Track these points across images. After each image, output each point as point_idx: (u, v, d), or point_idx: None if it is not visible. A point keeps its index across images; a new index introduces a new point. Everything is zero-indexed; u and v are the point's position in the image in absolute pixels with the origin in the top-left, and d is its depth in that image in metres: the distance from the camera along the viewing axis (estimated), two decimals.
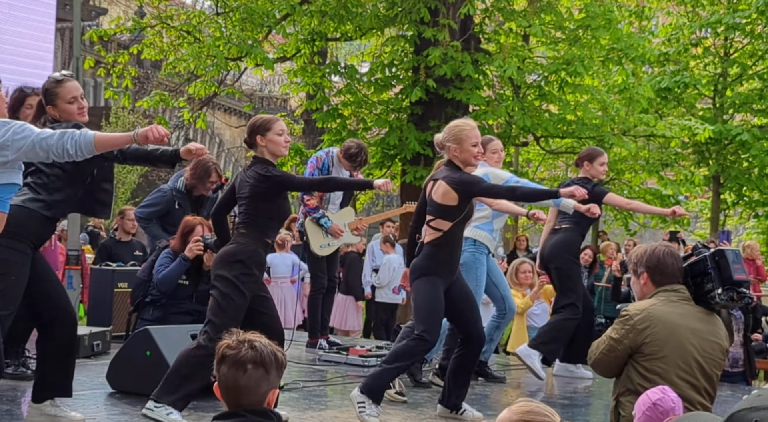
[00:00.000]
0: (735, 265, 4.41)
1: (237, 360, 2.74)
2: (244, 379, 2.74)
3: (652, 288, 4.39)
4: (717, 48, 18.80)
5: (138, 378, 5.65)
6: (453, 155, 5.51)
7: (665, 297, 4.33)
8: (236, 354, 2.75)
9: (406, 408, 5.98)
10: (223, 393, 2.80)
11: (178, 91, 16.70)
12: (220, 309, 4.96)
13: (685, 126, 15.23)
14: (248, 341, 2.78)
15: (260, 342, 2.80)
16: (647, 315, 4.23)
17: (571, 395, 7.32)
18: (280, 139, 5.16)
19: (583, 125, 14.46)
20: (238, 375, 2.74)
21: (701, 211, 22.31)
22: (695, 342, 4.24)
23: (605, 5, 14.19)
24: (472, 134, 5.52)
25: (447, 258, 5.51)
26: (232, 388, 2.76)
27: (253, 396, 2.76)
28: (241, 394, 2.76)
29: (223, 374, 2.77)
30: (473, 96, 13.65)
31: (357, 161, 8.05)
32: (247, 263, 5.02)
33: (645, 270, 4.40)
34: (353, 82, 14.61)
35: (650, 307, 4.26)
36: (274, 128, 5.16)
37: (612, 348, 4.31)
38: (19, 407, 5.41)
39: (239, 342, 2.78)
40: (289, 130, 25.56)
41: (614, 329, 4.33)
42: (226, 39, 14.30)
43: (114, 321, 8.32)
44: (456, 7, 13.36)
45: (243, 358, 2.74)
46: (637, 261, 4.43)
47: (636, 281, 4.47)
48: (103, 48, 16.44)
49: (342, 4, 14.07)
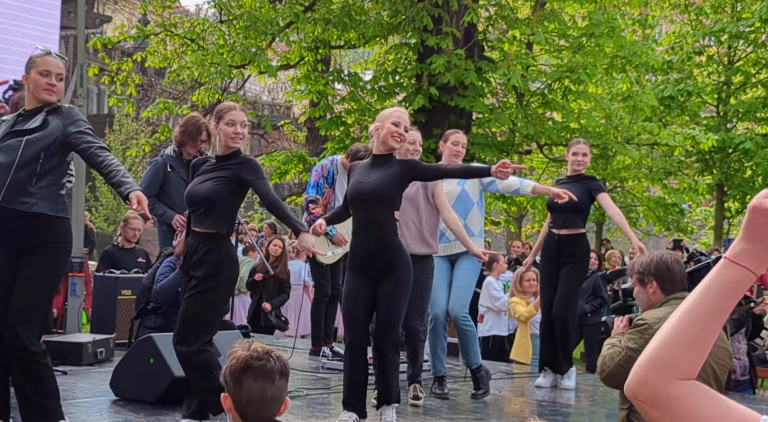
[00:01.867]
0: None
1: (266, 371, 2.67)
2: (272, 390, 2.68)
3: (662, 297, 4.35)
4: (721, 56, 18.81)
5: (141, 385, 5.64)
6: (375, 134, 5.46)
7: (678, 304, 4.29)
8: (264, 366, 2.68)
9: (406, 416, 5.97)
10: (242, 405, 2.69)
11: (181, 99, 16.74)
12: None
13: (689, 134, 15.23)
14: (271, 351, 2.73)
15: (275, 351, 2.77)
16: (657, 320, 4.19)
17: (573, 404, 7.30)
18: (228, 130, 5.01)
19: (587, 133, 14.45)
20: (266, 387, 2.67)
21: (705, 219, 22.29)
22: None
23: (609, 13, 14.21)
24: (394, 114, 5.47)
25: (355, 248, 5.44)
26: (258, 400, 2.68)
27: (276, 407, 2.71)
28: (266, 406, 2.69)
29: (248, 385, 2.67)
30: (476, 104, 13.67)
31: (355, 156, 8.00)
32: None
33: (654, 279, 4.34)
34: (356, 89, 14.64)
35: (667, 316, 4.21)
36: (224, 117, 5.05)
37: (631, 359, 4.18)
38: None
39: (263, 353, 2.70)
40: (293, 137, 25.66)
41: (631, 339, 4.22)
42: (229, 47, 14.34)
43: (117, 329, 8.32)
44: (459, 15, 13.38)
45: (271, 369, 2.68)
46: (643, 270, 4.36)
47: (642, 290, 4.43)
48: (107, 55, 16.48)
49: (345, 12, 14.11)
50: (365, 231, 5.32)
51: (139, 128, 28.02)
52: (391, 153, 5.44)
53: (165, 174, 7.40)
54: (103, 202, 27.31)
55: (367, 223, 5.32)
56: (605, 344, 4.49)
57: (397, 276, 5.29)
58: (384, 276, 5.29)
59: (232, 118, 4.99)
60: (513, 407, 6.98)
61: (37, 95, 4.59)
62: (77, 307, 8.74)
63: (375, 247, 5.30)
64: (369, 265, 5.31)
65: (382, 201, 5.30)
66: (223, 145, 5.03)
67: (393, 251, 5.32)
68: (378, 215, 5.30)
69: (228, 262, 4.94)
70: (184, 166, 7.53)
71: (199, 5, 57.92)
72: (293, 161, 16.02)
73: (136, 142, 24.99)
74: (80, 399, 5.85)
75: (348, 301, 5.39)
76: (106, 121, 28.69)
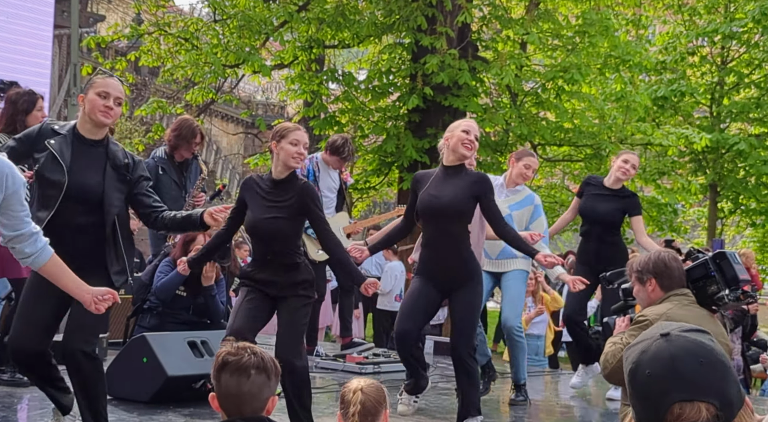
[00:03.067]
0: (737, 266, 4.41)
1: (240, 366, 2.69)
2: (248, 385, 2.68)
3: (661, 294, 4.36)
4: (714, 57, 18.85)
5: (135, 384, 5.63)
6: (445, 144, 5.43)
7: (678, 301, 4.30)
8: (239, 361, 2.69)
9: (401, 416, 5.96)
10: (223, 401, 2.72)
11: (175, 98, 16.73)
12: None
13: (682, 134, 15.25)
14: (248, 347, 2.74)
15: (258, 348, 2.78)
16: (667, 319, 4.18)
17: (571, 403, 7.31)
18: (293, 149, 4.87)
19: (580, 133, 14.48)
20: (241, 382, 2.68)
21: (698, 219, 22.32)
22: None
23: (602, 13, 14.22)
24: (464, 123, 5.48)
25: (426, 259, 5.44)
26: (235, 395, 2.70)
27: (255, 403, 2.70)
28: (244, 401, 2.69)
29: (225, 381, 2.70)
30: (470, 103, 13.67)
31: (344, 153, 7.97)
32: None
33: (653, 277, 4.36)
34: (351, 89, 14.63)
35: (668, 311, 4.20)
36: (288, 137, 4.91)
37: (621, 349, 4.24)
38: (15, 413, 5.40)
39: (240, 349, 2.73)
40: None
41: (632, 336, 4.19)
42: (223, 46, 14.32)
43: (111, 328, 8.30)
44: (453, 15, 13.38)
45: (246, 364, 2.69)
46: (642, 269, 4.39)
47: (642, 288, 4.43)
48: (100, 55, 16.46)
49: (340, 12, 14.10)
50: (439, 245, 5.34)
51: (133, 127, 27.97)
52: (462, 163, 5.42)
53: (156, 176, 7.41)
54: None
55: (442, 236, 5.33)
56: (608, 342, 4.50)
57: (473, 286, 5.36)
58: (457, 286, 5.34)
59: (297, 138, 4.86)
60: (509, 408, 6.97)
61: (93, 114, 4.43)
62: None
63: (449, 260, 5.33)
64: (442, 277, 5.34)
65: (459, 215, 5.30)
66: (283, 164, 4.87)
67: (467, 262, 5.37)
68: (454, 228, 5.31)
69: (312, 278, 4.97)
70: (175, 168, 7.54)
71: (192, 4, 57.73)
72: None
73: (130, 141, 24.94)
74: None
75: (411, 297, 5.40)
76: None
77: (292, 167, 4.88)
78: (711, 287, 4.39)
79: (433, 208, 5.30)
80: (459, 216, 5.29)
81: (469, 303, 5.34)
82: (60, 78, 20.34)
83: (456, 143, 5.34)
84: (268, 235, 4.82)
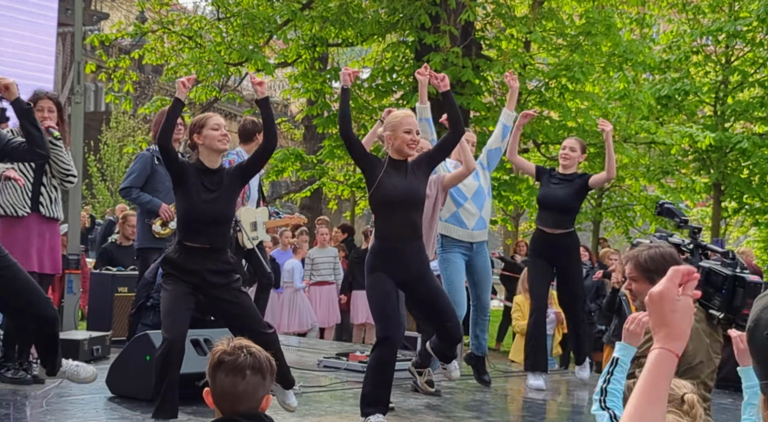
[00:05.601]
0: (747, 300, 4.29)
1: (236, 366, 2.69)
2: (243, 385, 2.69)
3: None
4: (718, 55, 18.80)
5: (138, 382, 5.63)
6: (388, 143, 5.47)
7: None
8: (234, 361, 2.70)
9: (403, 414, 5.97)
10: (217, 399, 2.74)
11: None
12: None
13: (686, 133, 15.23)
14: (245, 347, 2.74)
15: (255, 347, 2.77)
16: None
17: (569, 403, 7.30)
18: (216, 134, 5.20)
19: (584, 132, 14.44)
20: (236, 381, 2.69)
21: (702, 219, 22.28)
22: (710, 342, 4.16)
23: (605, 11, 14.19)
24: (405, 120, 5.48)
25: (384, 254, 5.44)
26: (230, 394, 2.71)
27: (250, 402, 2.72)
28: (238, 401, 2.71)
29: (220, 380, 2.71)
30: (474, 102, 13.65)
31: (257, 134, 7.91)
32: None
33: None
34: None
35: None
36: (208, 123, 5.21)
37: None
38: (18, 411, 5.40)
39: (236, 348, 2.73)
40: (290, 135, 25.62)
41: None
42: (227, 44, 14.32)
43: (114, 326, 8.31)
44: (457, 13, 13.37)
45: (242, 364, 2.70)
46: (655, 269, 4.12)
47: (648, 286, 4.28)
48: (104, 52, 16.41)
49: (343, 10, 14.09)
50: (403, 234, 5.36)
51: (136, 125, 27.97)
52: (406, 158, 5.50)
53: (152, 167, 7.49)
54: (99, 198, 27.27)
55: (405, 226, 5.37)
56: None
57: (431, 274, 5.56)
58: (420, 276, 5.44)
59: (217, 122, 5.21)
60: (510, 406, 6.97)
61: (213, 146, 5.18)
62: (74, 304, 8.73)
63: (413, 248, 5.40)
64: (405, 267, 5.37)
65: (421, 201, 5.45)
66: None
67: (425, 250, 5.58)
68: (415, 216, 5.40)
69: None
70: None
71: (196, 3, 57.90)
72: (290, 159, 16.02)
73: (133, 139, 24.96)
74: (76, 396, 5.85)
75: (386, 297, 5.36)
76: (103, 118, 28.64)
77: (221, 149, 5.19)
78: (713, 299, 4.29)
79: (396, 197, 5.33)
80: (420, 201, 5.45)
81: (437, 288, 5.59)
82: (63, 76, 20.35)
83: (401, 144, 5.42)
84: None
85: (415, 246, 5.41)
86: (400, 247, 5.36)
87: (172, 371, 4.88)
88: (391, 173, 5.38)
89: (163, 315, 5.02)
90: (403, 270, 5.36)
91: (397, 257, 5.35)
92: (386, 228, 5.41)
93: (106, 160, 27.89)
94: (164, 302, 5.02)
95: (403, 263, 5.36)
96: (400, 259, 5.35)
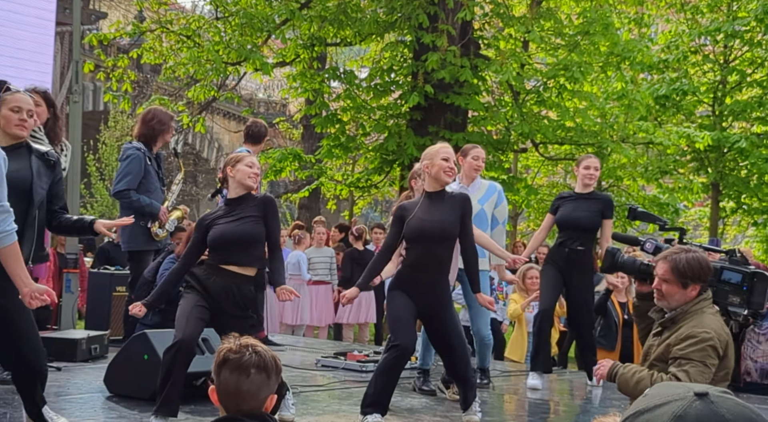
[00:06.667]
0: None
1: (240, 364, 2.69)
2: (247, 384, 2.68)
3: (694, 298, 4.15)
4: (716, 55, 18.81)
5: (136, 382, 5.64)
6: (425, 173, 5.57)
7: (712, 307, 4.15)
8: (239, 359, 2.69)
9: (402, 414, 5.96)
10: (222, 397, 2.73)
11: (177, 96, 16.71)
12: None
13: (684, 133, 15.23)
14: (251, 345, 2.74)
15: (261, 346, 2.77)
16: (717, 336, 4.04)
17: (568, 403, 7.30)
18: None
19: (582, 132, 14.46)
20: (240, 380, 2.68)
21: (700, 219, 22.29)
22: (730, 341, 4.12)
23: (603, 11, 14.19)
24: (442, 150, 5.57)
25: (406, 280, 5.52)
26: (234, 393, 2.70)
27: (254, 402, 2.71)
28: (242, 399, 2.70)
29: (225, 378, 2.70)
30: (472, 101, 13.65)
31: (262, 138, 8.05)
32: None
33: (700, 284, 4.12)
34: (352, 87, 14.62)
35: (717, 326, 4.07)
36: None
37: (709, 373, 4.04)
38: (16, 410, 5.40)
39: (242, 346, 2.72)
40: (288, 135, 25.63)
41: (708, 356, 4.01)
42: (225, 44, 14.31)
43: (112, 325, 8.31)
44: (455, 12, 13.36)
45: (246, 363, 2.69)
46: (693, 276, 4.08)
47: (681, 292, 4.13)
48: (102, 52, 16.41)
49: (341, 10, 14.09)
50: (425, 267, 5.43)
51: (135, 125, 27.99)
52: (443, 188, 5.56)
53: (145, 168, 7.42)
54: (98, 198, 27.27)
55: (428, 259, 5.44)
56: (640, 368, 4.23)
57: (453, 310, 5.55)
58: (434, 310, 5.46)
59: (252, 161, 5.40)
60: (508, 406, 6.98)
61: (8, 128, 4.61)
62: (72, 304, 8.73)
63: (433, 282, 5.45)
64: (422, 298, 5.42)
65: (448, 236, 5.47)
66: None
67: (447, 286, 5.58)
68: (441, 252, 5.46)
69: None
70: (154, 159, 7.57)
71: (194, 2, 57.85)
72: (289, 159, 16.02)
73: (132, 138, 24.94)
74: (74, 395, 5.85)
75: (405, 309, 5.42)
76: (101, 117, 28.64)
77: (250, 186, 5.27)
78: (733, 297, 4.27)
79: (423, 231, 5.42)
80: (448, 238, 5.47)
81: (449, 325, 5.47)
82: (62, 75, 20.33)
83: (438, 172, 5.49)
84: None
85: (435, 279, 5.46)
86: (417, 278, 5.44)
87: (179, 371, 4.90)
88: (425, 206, 5.49)
89: (177, 317, 5.05)
90: (418, 300, 5.44)
91: (414, 287, 5.44)
92: (408, 258, 5.55)
93: (105, 160, 27.90)
94: (182, 307, 5.07)
95: (419, 294, 5.44)
96: (416, 290, 5.44)
